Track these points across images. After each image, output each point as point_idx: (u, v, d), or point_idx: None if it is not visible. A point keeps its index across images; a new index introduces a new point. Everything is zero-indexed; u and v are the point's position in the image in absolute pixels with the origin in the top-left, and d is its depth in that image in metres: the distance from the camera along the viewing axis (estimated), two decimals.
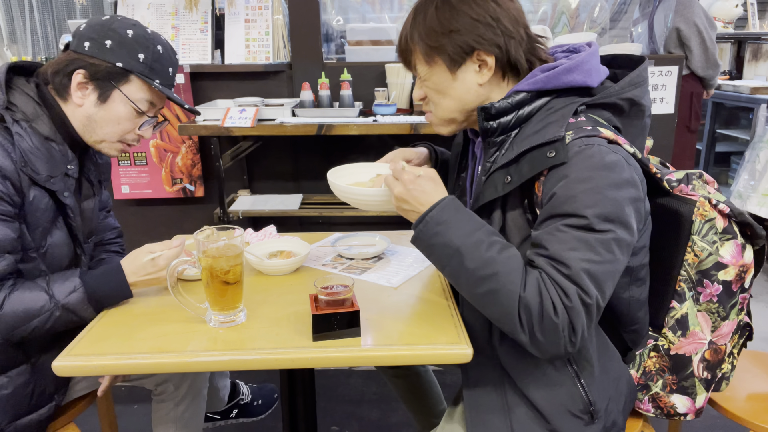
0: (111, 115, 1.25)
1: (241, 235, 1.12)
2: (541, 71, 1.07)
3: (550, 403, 1.07)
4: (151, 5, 2.68)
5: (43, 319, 1.12)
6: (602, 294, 0.95)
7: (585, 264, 0.93)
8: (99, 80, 1.23)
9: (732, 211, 1.10)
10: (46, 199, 1.21)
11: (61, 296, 1.13)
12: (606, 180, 0.95)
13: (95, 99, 1.24)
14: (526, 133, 1.04)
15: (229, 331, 1.09)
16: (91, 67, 1.21)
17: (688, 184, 1.14)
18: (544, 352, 0.96)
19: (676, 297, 1.13)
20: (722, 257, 1.09)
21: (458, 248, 0.98)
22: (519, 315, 0.94)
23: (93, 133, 1.27)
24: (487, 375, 1.11)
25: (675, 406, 1.16)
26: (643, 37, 3.74)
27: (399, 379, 1.64)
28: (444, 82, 1.10)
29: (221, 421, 1.90)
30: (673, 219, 1.12)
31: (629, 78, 1.06)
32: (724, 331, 1.14)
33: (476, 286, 0.97)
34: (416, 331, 1.09)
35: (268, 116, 2.37)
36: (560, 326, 0.92)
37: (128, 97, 1.25)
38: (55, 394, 1.30)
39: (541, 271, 0.95)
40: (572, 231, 0.94)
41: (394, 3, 3.43)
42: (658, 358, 1.16)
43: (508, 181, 1.03)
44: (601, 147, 0.97)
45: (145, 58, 1.24)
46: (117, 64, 1.22)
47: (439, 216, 1.01)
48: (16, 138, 1.16)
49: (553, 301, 0.92)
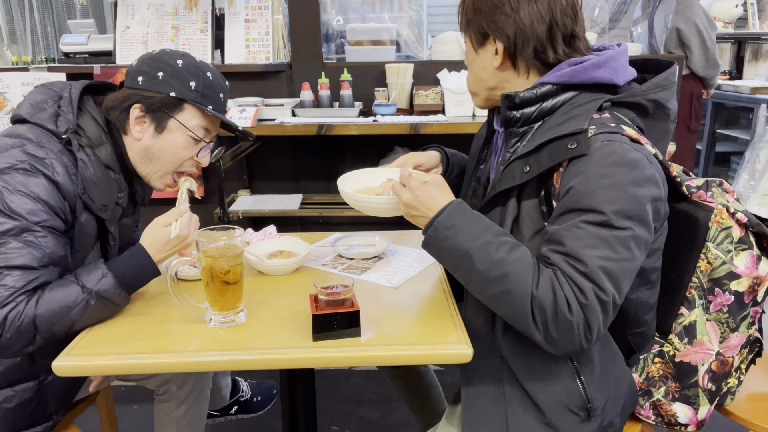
0: (169, 145, 1.28)
1: (241, 235, 1.12)
2: (568, 65, 1.06)
3: (548, 397, 1.07)
4: (151, 5, 2.67)
5: (79, 310, 1.11)
6: (619, 291, 0.94)
7: (602, 261, 0.92)
8: (155, 111, 1.25)
9: (750, 221, 1.08)
10: (93, 225, 1.24)
11: (92, 284, 1.12)
12: (627, 177, 0.94)
13: (153, 131, 1.27)
14: (549, 125, 1.04)
15: (229, 331, 1.09)
16: (146, 100, 1.24)
17: (707, 191, 1.12)
18: (559, 349, 0.96)
19: (685, 303, 1.12)
20: (736, 267, 1.08)
21: (467, 251, 0.98)
22: (533, 314, 0.94)
23: (149, 164, 1.30)
24: (487, 366, 1.12)
25: (676, 415, 1.15)
26: (643, 37, 3.74)
27: (400, 379, 1.64)
28: (470, 54, 1.15)
29: (221, 417, 1.91)
30: (689, 224, 1.11)
31: (656, 80, 1.06)
32: (733, 343, 1.12)
33: (487, 287, 0.98)
34: (416, 331, 1.09)
35: (268, 116, 2.38)
36: (575, 323, 0.92)
37: (183, 125, 1.27)
38: (54, 414, 1.30)
39: (556, 269, 0.95)
40: (590, 227, 0.94)
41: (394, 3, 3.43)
42: (662, 364, 1.15)
43: (526, 171, 1.03)
44: (623, 144, 0.97)
45: (197, 85, 1.27)
46: (170, 94, 1.25)
47: (447, 220, 1.01)
48: (80, 165, 1.19)
49: (568, 298, 0.92)
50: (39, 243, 1.10)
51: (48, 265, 1.12)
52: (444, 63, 2.62)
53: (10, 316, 1.05)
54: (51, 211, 1.13)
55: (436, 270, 1.37)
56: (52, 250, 1.12)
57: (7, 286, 1.06)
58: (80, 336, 1.08)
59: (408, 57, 3.33)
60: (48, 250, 1.11)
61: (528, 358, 1.08)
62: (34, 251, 1.09)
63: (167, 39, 2.67)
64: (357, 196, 1.21)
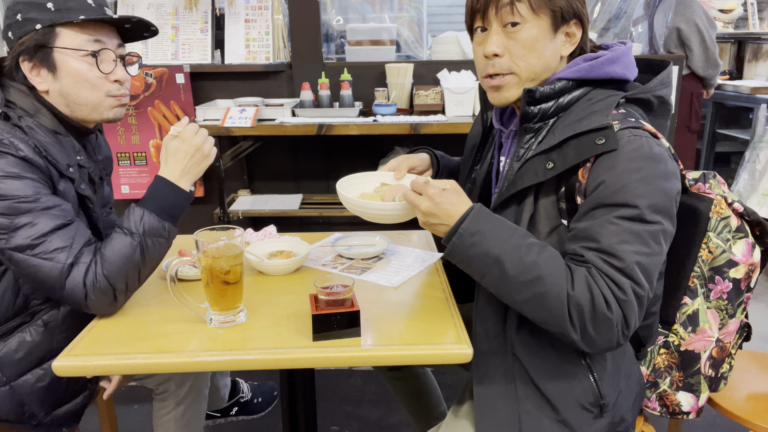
0: (73, 78, 1.21)
1: (241, 235, 1.12)
2: (583, 60, 1.07)
3: (561, 395, 1.07)
4: (151, 5, 2.68)
5: (139, 255, 1.13)
6: (651, 286, 0.95)
7: (637, 257, 0.93)
8: (36, 54, 1.18)
9: (745, 210, 1.12)
10: (72, 192, 1.22)
11: (136, 227, 1.14)
12: (656, 171, 0.95)
13: (48, 73, 1.20)
14: (569, 121, 1.03)
15: (229, 331, 1.09)
16: (21, 47, 1.18)
17: (705, 182, 1.15)
18: (596, 347, 0.96)
19: (688, 293, 1.14)
20: (734, 255, 1.11)
21: (497, 256, 0.96)
22: (569, 314, 0.93)
23: (80, 108, 1.24)
24: (499, 365, 1.11)
25: (680, 404, 1.17)
26: (643, 36, 3.74)
27: (398, 381, 1.64)
28: (541, 38, 1.04)
29: (221, 419, 1.90)
30: (690, 215, 1.13)
31: (660, 78, 1.07)
32: (731, 329, 1.15)
33: (520, 291, 0.96)
34: (416, 331, 1.09)
35: (268, 116, 2.38)
36: (614, 321, 0.92)
37: (68, 48, 1.19)
38: (88, 383, 1.33)
39: (590, 267, 0.95)
40: (624, 223, 0.94)
41: (394, 3, 3.43)
42: (667, 355, 1.17)
43: (550, 167, 1.01)
44: (649, 139, 0.98)
45: (55, 4, 1.17)
46: (36, 27, 1.17)
47: (473, 226, 0.99)
48: (30, 132, 1.16)
49: (605, 296, 0.92)
50: (48, 205, 1.11)
51: (72, 218, 1.14)
52: (444, 63, 2.62)
53: (88, 281, 1.09)
54: (38, 182, 1.12)
55: (436, 270, 1.37)
56: (63, 205, 1.14)
57: (60, 249, 1.09)
58: (80, 336, 1.08)
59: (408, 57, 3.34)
60: (62, 205, 1.13)
61: (541, 355, 1.08)
62: (52, 212, 1.11)
63: (167, 39, 2.67)
64: (359, 202, 1.20)
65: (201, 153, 1.20)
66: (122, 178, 2.70)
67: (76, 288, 1.09)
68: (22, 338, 1.21)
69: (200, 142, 1.20)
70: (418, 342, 1.05)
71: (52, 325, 1.23)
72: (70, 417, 1.30)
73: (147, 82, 2.55)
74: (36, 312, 1.23)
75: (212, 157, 1.23)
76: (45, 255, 1.09)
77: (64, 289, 1.09)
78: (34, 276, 1.10)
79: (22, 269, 1.11)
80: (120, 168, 2.69)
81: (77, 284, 1.09)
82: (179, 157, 1.19)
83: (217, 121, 2.33)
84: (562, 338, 0.97)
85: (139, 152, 2.67)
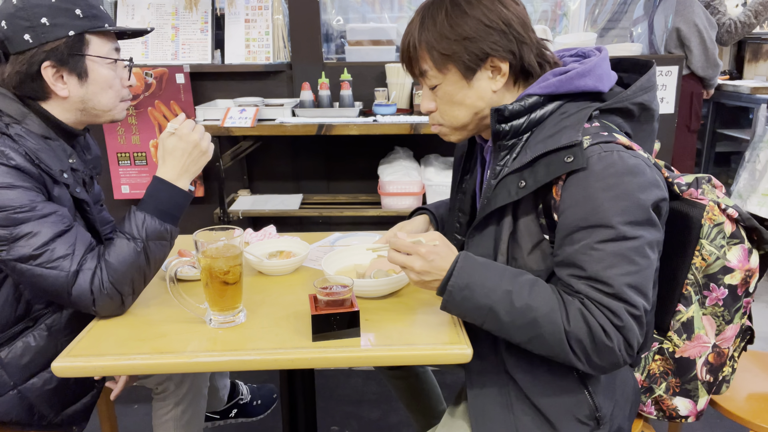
0: (100, 84, 1.22)
1: (241, 235, 1.11)
2: (552, 75, 1.05)
3: (557, 409, 1.06)
4: (151, 5, 2.67)
5: (143, 260, 1.14)
6: (647, 300, 0.95)
7: (626, 278, 0.93)
8: (68, 60, 1.17)
9: (740, 215, 1.09)
10: (68, 196, 1.21)
11: (138, 231, 1.14)
12: (630, 185, 0.94)
13: (77, 81, 1.20)
14: (540, 137, 1.02)
15: (228, 332, 1.09)
16: (52, 53, 1.15)
17: (697, 188, 1.13)
18: (605, 371, 0.99)
19: (682, 300, 1.13)
20: (729, 261, 1.09)
21: (490, 307, 0.98)
22: (571, 348, 0.95)
23: (94, 111, 1.24)
24: (492, 381, 1.11)
25: (677, 409, 1.16)
26: (643, 37, 3.74)
27: (398, 381, 1.64)
28: (458, 90, 1.07)
29: (221, 420, 1.90)
30: (682, 222, 1.12)
31: (640, 83, 1.05)
32: (728, 334, 1.14)
33: (518, 335, 0.98)
34: (416, 331, 1.09)
35: (268, 116, 2.37)
36: (616, 347, 0.94)
37: (100, 57, 1.20)
38: (96, 381, 1.33)
39: (583, 298, 0.95)
40: (605, 246, 0.93)
41: (394, 3, 3.43)
42: (662, 361, 1.16)
43: (522, 186, 1.01)
44: (621, 153, 0.96)
45: (83, 10, 1.18)
46: (70, 34, 1.16)
47: (460, 281, 0.99)
48: (19, 140, 1.14)
49: (602, 325, 0.93)
50: (45, 212, 1.11)
51: (70, 223, 1.14)
52: None
53: (95, 288, 1.10)
54: (31, 190, 1.11)
55: None
56: (60, 211, 1.13)
57: (63, 257, 1.09)
58: (80, 336, 1.08)
59: None
60: (59, 211, 1.13)
61: (533, 372, 1.07)
62: (50, 219, 1.11)
63: (167, 39, 2.67)
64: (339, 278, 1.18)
65: (199, 150, 1.19)
66: (122, 178, 2.70)
67: (83, 295, 1.10)
68: (26, 343, 1.21)
69: (197, 139, 1.19)
70: (417, 342, 1.05)
71: (56, 328, 1.23)
72: (80, 415, 1.31)
73: (147, 82, 2.55)
74: (39, 316, 1.23)
75: (210, 153, 1.22)
76: (49, 264, 1.09)
77: (71, 296, 1.10)
78: (40, 285, 1.10)
79: (26, 279, 1.11)
80: (120, 168, 2.68)
81: (84, 291, 1.09)
82: (177, 155, 1.18)
83: (217, 121, 2.33)
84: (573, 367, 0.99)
85: (139, 152, 2.67)
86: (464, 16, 1.02)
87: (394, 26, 2.83)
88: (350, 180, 2.81)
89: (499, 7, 1.03)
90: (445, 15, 1.03)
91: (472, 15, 1.02)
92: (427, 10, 1.06)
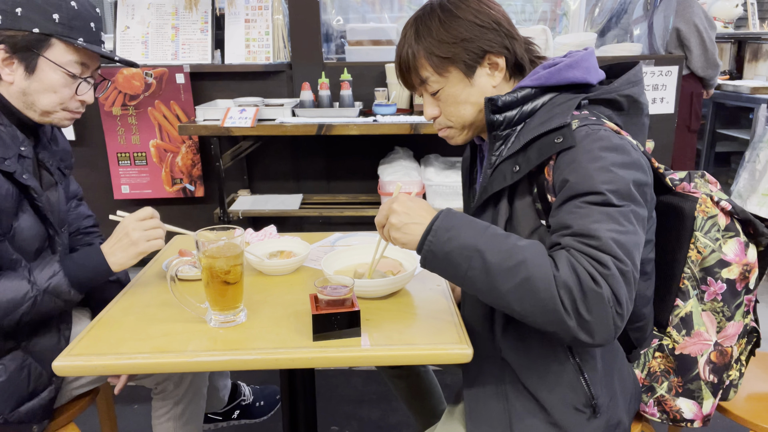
0: (44, 85, 1.21)
1: (241, 235, 1.11)
2: (542, 68, 1.10)
3: (552, 396, 1.06)
4: (151, 5, 2.67)
5: (28, 306, 1.14)
6: (634, 265, 0.93)
7: (613, 234, 0.92)
8: (21, 51, 1.18)
9: (734, 208, 1.10)
10: (6, 185, 1.19)
11: (42, 282, 1.14)
12: (615, 159, 0.96)
13: (23, 72, 1.20)
14: (533, 125, 1.06)
15: (229, 331, 1.09)
16: (9, 39, 1.16)
17: (690, 182, 1.15)
18: (594, 333, 0.90)
19: (680, 295, 1.13)
20: (725, 254, 1.10)
21: (476, 246, 0.94)
22: (560, 296, 0.90)
23: (33, 107, 1.24)
24: (488, 368, 1.11)
25: (681, 411, 1.15)
26: (643, 37, 3.74)
27: (399, 380, 1.64)
28: (461, 90, 1.11)
29: (222, 422, 1.90)
30: (675, 216, 1.13)
31: (626, 77, 1.09)
32: (730, 332, 1.13)
33: (506, 280, 0.93)
34: (416, 331, 1.09)
35: (268, 116, 2.38)
36: (605, 296, 0.88)
37: (55, 63, 1.20)
38: (53, 377, 1.30)
39: (570, 249, 0.93)
40: (593, 207, 0.94)
41: (394, 3, 3.43)
42: (663, 359, 1.16)
43: (516, 170, 1.04)
44: (608, 132, 0.99)
45: (61, 17, 1.18)
46: (33, 30, 1.16)
47: (446, 223, 0.98)
48: None
49: (590, 272, 0.89)
50: None
51: None
52: None
53: None
54: None
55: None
56: None
57: None
58: (80, 336, 1.08)
59: None
60: None
61: (529, 357, 1.07)
62: None
63: (167, 39, 2.67)
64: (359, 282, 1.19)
65: (128, 239, 1.20)
66: (122, 178, 2.70)
67: None
68: None
69: (128, 227, 1.20)
70: (418, 342, 1.05)
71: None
72: (38, 413, 1.27)
73: (147, 82, 2.55)
74: None
75: (141, 246, 1.21)
76: None
77: None
78: None
79: None
80: (120, 168, 2.69)
81: None
82: (114, 234, 1.21)
83: (217, 121, 2.33)
84: (558, 332, 0.92)
85: (139, 152, 2.67)
86: (457, 20, 1.08)
87: (394, 26, 2.83)
88: (350, 180, 2.81)
89: (485, 8, 1.09)
90: (439, 22, 1.08)
91: (465, 18, 1.08)
92: (420, 21, 1.11)
